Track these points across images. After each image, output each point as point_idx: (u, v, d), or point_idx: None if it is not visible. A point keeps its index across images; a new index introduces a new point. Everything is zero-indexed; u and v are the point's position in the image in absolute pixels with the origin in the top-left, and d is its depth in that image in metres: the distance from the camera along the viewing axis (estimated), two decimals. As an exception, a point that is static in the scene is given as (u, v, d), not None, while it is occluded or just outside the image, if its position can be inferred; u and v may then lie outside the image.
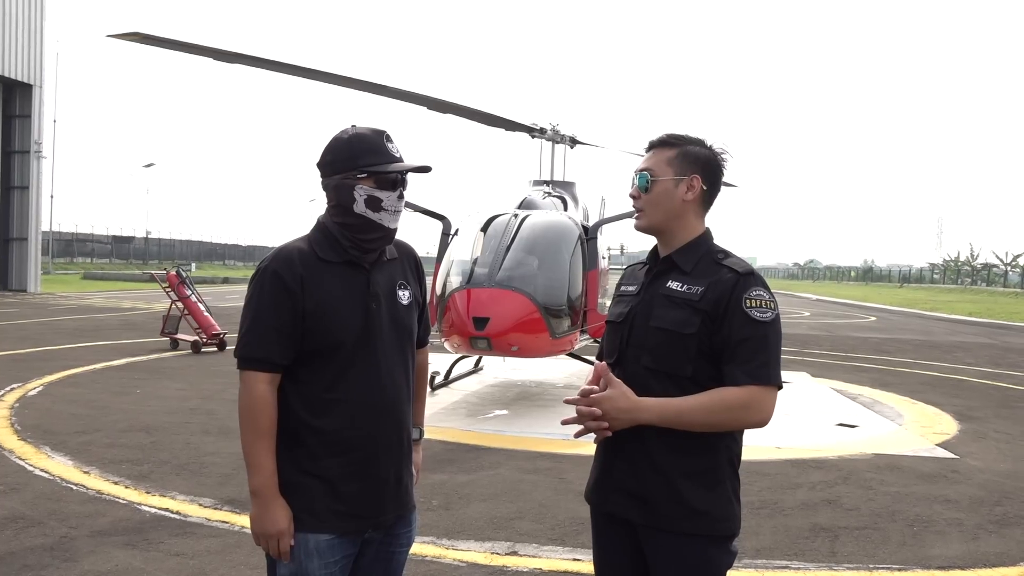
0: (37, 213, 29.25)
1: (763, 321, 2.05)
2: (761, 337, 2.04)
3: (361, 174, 2.13)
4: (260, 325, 2.11)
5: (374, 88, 8.72)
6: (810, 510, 5.38)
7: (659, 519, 2.11)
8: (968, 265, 79.06)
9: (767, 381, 2.02)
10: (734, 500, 2.14)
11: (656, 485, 2.11)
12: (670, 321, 2.11)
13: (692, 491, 2.08)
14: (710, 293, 2.09)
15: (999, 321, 27.53)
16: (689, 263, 2.16)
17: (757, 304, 2.06)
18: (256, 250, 76.06)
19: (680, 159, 2.18)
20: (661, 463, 2.10)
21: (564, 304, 8.61)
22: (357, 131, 2.18)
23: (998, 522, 5.26)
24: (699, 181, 2.17)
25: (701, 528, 2.09)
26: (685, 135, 2.24)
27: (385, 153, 2.15)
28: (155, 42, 7.08)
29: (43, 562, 4.12)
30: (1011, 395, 11.02)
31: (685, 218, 2.20)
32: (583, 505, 5.77)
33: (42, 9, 28.69)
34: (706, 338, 2.07)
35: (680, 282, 2.15)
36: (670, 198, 2.19)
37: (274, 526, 2.10)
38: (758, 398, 2.02)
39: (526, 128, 10.73)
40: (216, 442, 6.70)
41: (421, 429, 2.50)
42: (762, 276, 2.14)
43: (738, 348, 2.03)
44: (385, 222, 2.17)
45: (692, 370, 2.08)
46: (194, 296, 13.51)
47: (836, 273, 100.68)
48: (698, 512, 2.08)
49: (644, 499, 2.13)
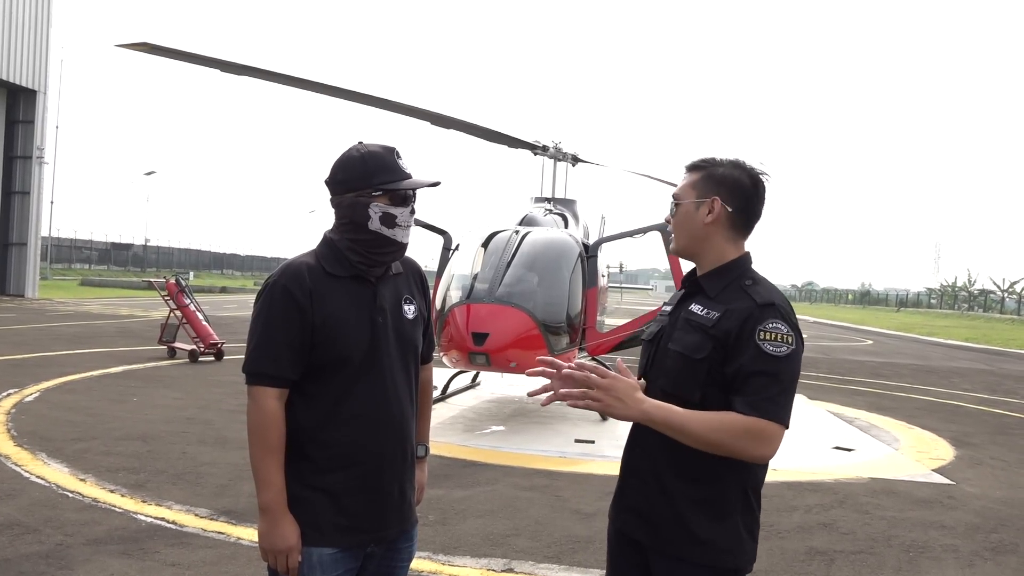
0: (37, 218, 29.23)
1: (776, 356, 1.97)
2: (773, 372, 1.96)
3: (376, 192, 2.15)
4: (270, 340, 2.12)
5: (378, 103, 8.77)
6: (806, 533, 5.37)
7: (662, 543, 2.09)
8: (965, 291, 79.21)
9: (770, 416, 1.94)
10: (744, 534, 2.08)
11: (662, 508, 2.09)
12: (684, 344, 2.09)
13: (696, 518, 2.05)
14: (724, 321, 2.04)
15: (996, 347, 27.55)
16: (716, 288, 2.12)
17: (772, 338, 1.98)
18: (255, 260, 76.11)
19: (703, 182, 2.15)
20: (669, 487, 2.08)
21: (563, 321, 8.63)
22: (368, 149, 2.19)
23: (994, 549, 5.26)
24: (719, 203, 2.12)
25: (703, 557, 2.05)
26: (720, 158, 2.19)
27: (397, 170, 2.17)
28: (163, 52, 7.12)
29: (38, 570, 4.10)
30: (1007, 422, 11.03)
31: (711, 241, 2.15)
32: (579, 523, 5.77)
33: (48, 16, 28.81)
34: (717, 366, 2.02)
35: (702, 306, 2.11)
36: (692, 221, 2.16)
37: (284, 542, 2.10)
38: (762, 430, 1.94)
39: (529, 145, 10.77)
40: (213, 452, 6.69)
41: (426, 446, 2.50)
42: (788, 307, 2.06)
43: (748, 381, 1.97)
44: (399, 237, 2.19)
45: (701, 396, 2.03)
46: (193, 305, 13.49)
47: (833, 296, 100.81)
48: (700, 540, 2.04)
49: (651, 521, 2.11)
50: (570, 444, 7.79)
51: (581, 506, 5.68)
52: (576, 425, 8.72)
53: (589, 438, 8.02)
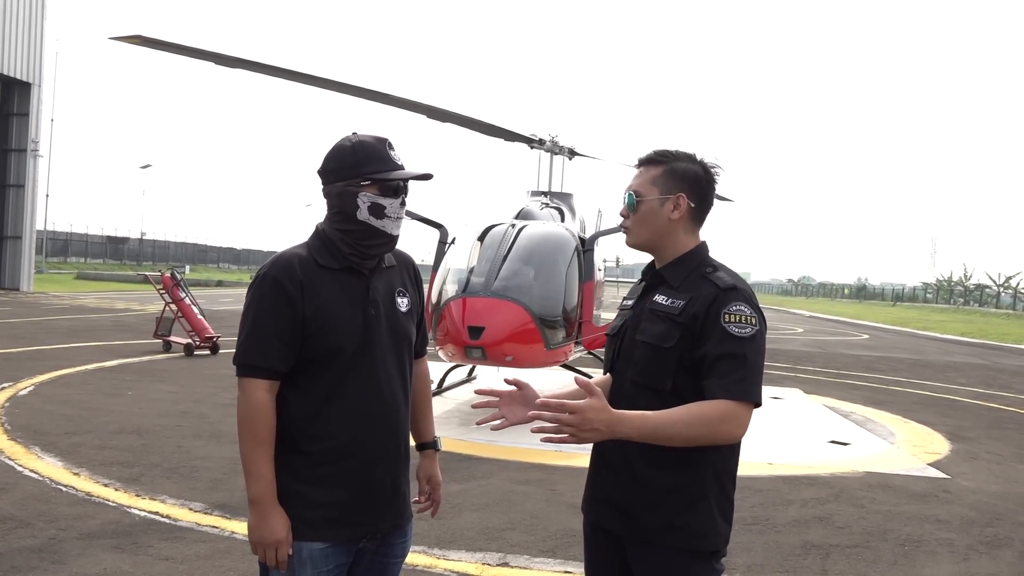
0: (32, 212, 29.17)
1: (741, 337, 2.02)
2: (740, 354, 2.01)
3: (365, 181, 2.14)
4: (260, 332, 2.10)
5: (374, 96, 8.74)
6: (802, 527, 5.37)
7: (639, 531, 2.11)
8: (961, 285, 79.35)
9: (743, 397, 1.98)
10: (718, 516, 2.11)
11: (636, 497, 2.11)
12: (652, 335, 2.12)
13: (670, 504, 2.08)
14: (690, 307, 2.08)
15: (991, 342, 27.59)
16: (678, 277, 2.16)
17: (737, 320, 2.03)
18: (251, 254, 75.99)
19: (666, 177, 2.18)
20: (642, 475, 2.10)
21: (559, 315, 8.61)
22: (360, 139, 2.18)
23: (989, 543, 5.26)
24: (685, 200, 2.17)
25: (680, 542, 2.08)
26: (674, 151, 2.22)
27: (388, 160, 2.16)
28: (157, 45, 7.07)
29: (31, 564, 4.08)
30: (1003, 416, 11.05)
31: (674, 235, 2.20)
32: (575, 517, 5.75)
33: (43, 8, 28.70)
34: (687, 352, 2.06)
35: (666, 296, 2.15)
36: (656, 217, 2.19)
37: (272, 535, 2.08)
38: (734, 413, 1.97)
39: (525, 139, 10.75)
40: (207, 446, 6.67)
41: (435, 439, 2.50)
42: (749, 290, 2.11)
43: (716, 363, 2.01)
44: (388, 229, 2.17)
45: (672, 384, 2.07)
46: (188, 298, 13.46)
47: (829, 290, 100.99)
48: (675, 526, 2.07)
49: (625, 511, 2.13)
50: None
51: (577, 500, 5.62)
52: (572, 419, 8.71)
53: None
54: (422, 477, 2.47)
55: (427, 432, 2.47)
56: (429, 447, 2.48)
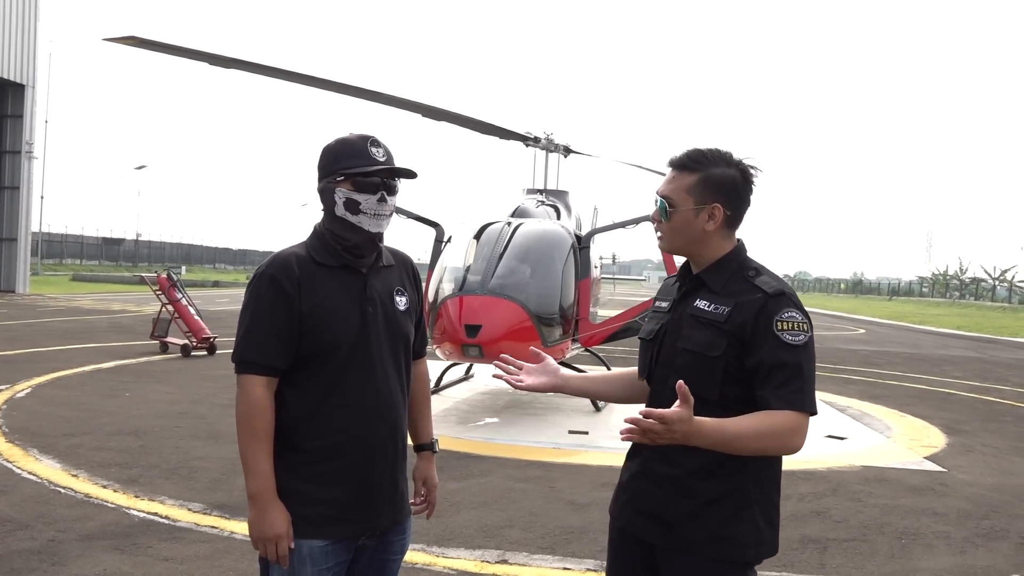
0: (27, 213, 29.07)
1: (796, 345, 1.96)
2: (795, 363, 1.96)
3: (339, 177, 2.16)
4: (258, 329, 2.12)
5: (369, 95, 8.73)
6: (799, 521, 5.39)
7: (681, 542, 2.06)
8: (957, 279, 79.51)
9: (804, 408, 1.94)
10: (763, 524, 2.06)
11: (679, 507, 2.06)
12: (696, 343, 2.05)
13: (715, 515, 2.03)
14: (736, 315, 2.01)
15: (987, 335, 27.67)
16: (719, 282, 2.09)
17: (790, 327, 1.98)
18: (247, 254, 75.88)
19: (701, 187, 2.08)
20: (686, 486, 2.04)
21: (556, 313, 8.62)
22: (345, 137, 2.21)
23: (985, 536, 5.29)
24: (721, 210, 2.09)
25: (722, 553, 2.04)
26: (709, 153, 2.11)
27: (365, 157, 2.16)
28: (151, 46, 7.07)
29: (30, 566, 4.09)
30: (998, 409, 11.09)
31: (709, 243, 2.12)
32: (573, 514, 5.76)
33: (36, 9, 28.59)
34: (734, 361, 2.00)
35: (708, 301, 2.08)
36: (690, 227, 2.11)
37: (272, 530, 2.09)
38: (799, 424, 1.94)
39: (520, 137, 10.75)
40: (205, 446, 6.67)
41: (434, 441, 2.49)
42: (795, 295, 2.05)
43: (772, 373, 1.95)
44: (364, 225, 2.17)
45: (720, 393, 2.01)
46: (184, 299, 13.45)
47: (826, 285, 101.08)
48: (720, 537, 2.03)
49: (667, 521, 2.08)
50: (564, 435, 7.80)
51: (575, 497, 5.68)
52: (570, 416, 8.73)
53: (583, 429, 8.03)
54: (418, 478, 2.47)
55: (425, 433, 2.48)
56: (426, 448, 2.47)
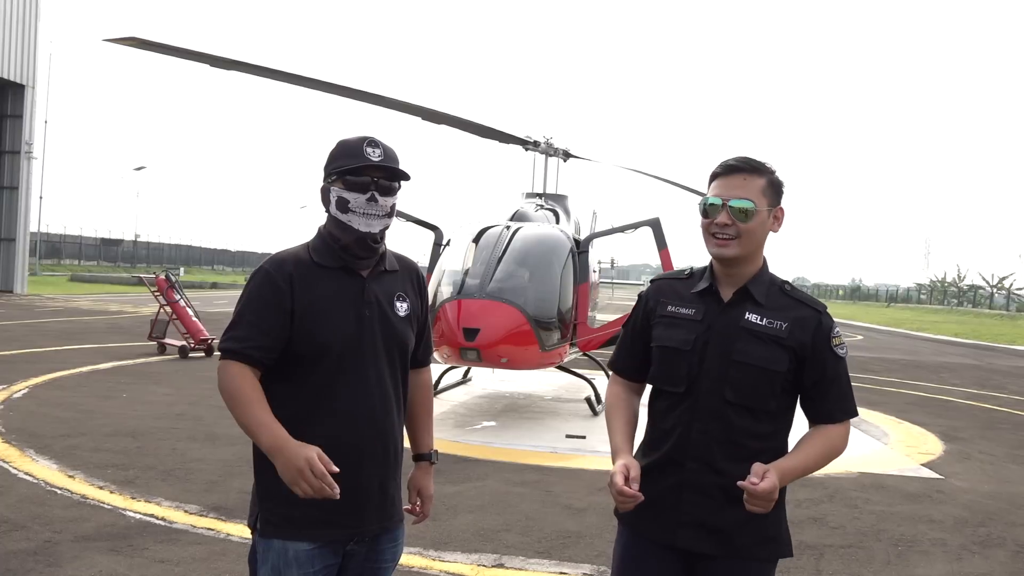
0: (26, 214, 29.07)
1: (844, 357, 2.17)
2: (844, 374, 2.17)
3: (334, 176, 2.19)
4: (241, 319, 2.15)
5: (369, 98, 8.74)
6: (796, 527, 5.34)
7: (737, 548, 2.14)
8: (955, 286, 79.52)
9: (853, 414, 2.18)
10: (787, 522, 2.24)
11: (734, 515, 2.10)
12: (758, 357, 2.11)
13: (762, 518, 2.09)
14: (797, 332, 2.12)
15: (985, 342, 27.69)
16: (762, 294, 2.16)
17: (839, 342, 2.17)
18: (246, 256, 75.83)
19: (770, 189, 2.15)
20: (736, 493, 2.05)
21: (554, 317, 8.63)
22: (346, 138, 2.22)
23: (982, 543, 5.29)
24: (783, 213, 2.19)
25: (772, 553, 2.18)
26: (762, 162, 2.17)
27: (359, 156, 2.16)
28: (152, 47, 7.08)
29: (26, 567, 4.08)
30: (996, 416, 11.10)
31: (761, 249, 2.20)
32: (570, 518, 5.75)
33: (36, 9, 28.62)
34: (791, 375, 2.13)
35: (759, 315, 2.13)
36: (764, 230, 2.16)
37: (298, 460, 1.96)
38: (847, 431, 2.18)
39: (520, 141, 10.76)
40: (202, 448, 6.67)
41: (432, 453, 2.43)
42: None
43: (830, 387, 2.14)
44: (354, 224, 2.16)
45: (776, 405, 2.14)
46: (183, 301, 13.45)
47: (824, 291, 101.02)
48: (771, 538, 2.17)
49: (721, 529, 2.12)
50: (561, 439, 7.80)
51: (572, 501, 5.68)
52: (567, 420, 8.74)
53: (580, 433, 8.03)
54: (412, 488, 2.41)
55: (424, 443, 2.42)
56: (424, 459, 2.41)
